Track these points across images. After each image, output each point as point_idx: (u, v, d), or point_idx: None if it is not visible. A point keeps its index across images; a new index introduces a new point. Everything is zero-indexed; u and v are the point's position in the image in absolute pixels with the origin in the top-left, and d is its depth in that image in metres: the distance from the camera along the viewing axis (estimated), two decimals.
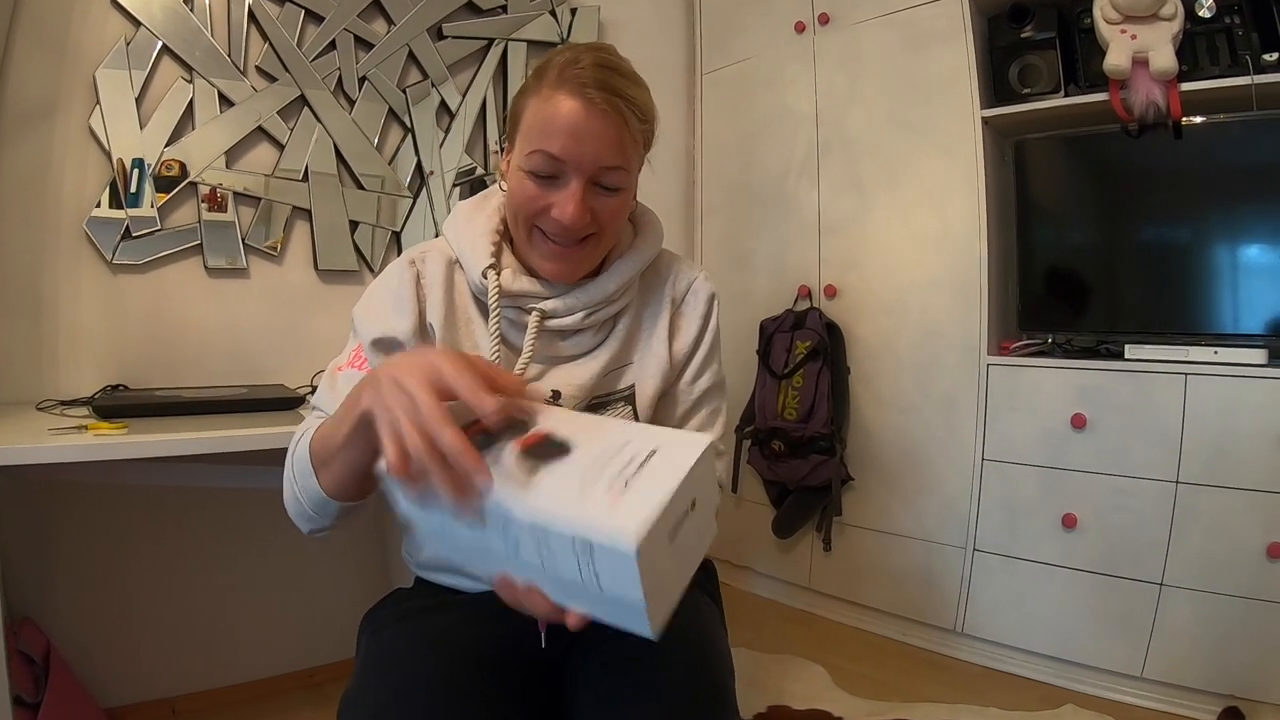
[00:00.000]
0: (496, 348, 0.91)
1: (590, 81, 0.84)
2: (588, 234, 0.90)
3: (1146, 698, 1.91)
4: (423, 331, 0.93)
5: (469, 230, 0.96)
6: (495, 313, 0.91)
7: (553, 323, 0.94)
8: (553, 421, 0.64)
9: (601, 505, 0.53)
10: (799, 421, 2.39)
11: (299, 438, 0.86)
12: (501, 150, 0.92)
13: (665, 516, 0.51)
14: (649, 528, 0.50)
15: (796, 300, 2.54)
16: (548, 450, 0.60)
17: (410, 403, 0.60)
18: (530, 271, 0.96)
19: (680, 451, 0.57)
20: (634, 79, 0.90)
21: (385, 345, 0.92)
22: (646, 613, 0.52)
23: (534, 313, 0.93)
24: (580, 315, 0.94)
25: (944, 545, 2.23)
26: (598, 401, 0.98)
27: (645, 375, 1.00)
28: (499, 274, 0.92)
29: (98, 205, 1.83)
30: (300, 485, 0.83)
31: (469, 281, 0.95)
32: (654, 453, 0.57)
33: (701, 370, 1.04)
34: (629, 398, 0.99)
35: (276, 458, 1.80)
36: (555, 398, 0.94)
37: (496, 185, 1.02)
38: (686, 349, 1.02)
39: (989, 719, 1.88)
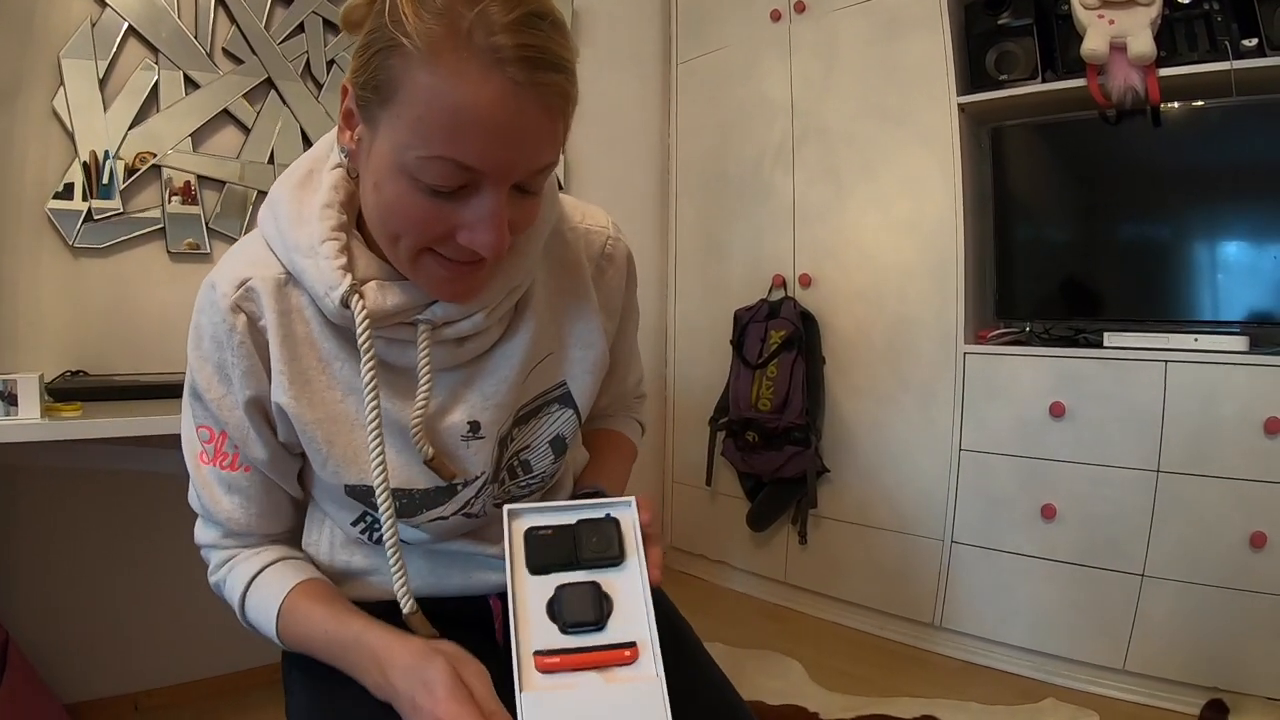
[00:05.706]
0: (373, 393, 0.70)
1: (512, 54, 0.58)
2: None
3: (1129, 691, 1.88)
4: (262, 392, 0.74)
5: (301, 235, 0.70)
6: (369, 353, 0.69)
7: (449, 331, 0.73)
8: None
9: None
10: (773, 412, 2.36)
11: (241, 599, 0.83)
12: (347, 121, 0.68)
13: None
14: None
15: (771, 289, 2.52)
16: None
17: None
18: (398, 272, 0.72)
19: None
20: (558, 23, 0.62)
21: (256, 405, 0.75)
22: None
23: (421, 326, 0.72)
24: (480, 317, 0.73)
25: (921, 537, 2.21)
26: (527, 411, 0.81)
27: (578, 370, 0.83)
28: (363, 298, 0.69)
29: (57, 194, 1.80)
30: (253, 628, 0.82)
31: (323, 309, 0.71)
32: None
33: (633, 333, 0.95)
34: (564, 397, 0.83)
35: None
36: (474, 430, 0.76)
37: (325, 153, 0.75)
38: (616, 320, 0.89)
39: (969, 714, 1.85)
